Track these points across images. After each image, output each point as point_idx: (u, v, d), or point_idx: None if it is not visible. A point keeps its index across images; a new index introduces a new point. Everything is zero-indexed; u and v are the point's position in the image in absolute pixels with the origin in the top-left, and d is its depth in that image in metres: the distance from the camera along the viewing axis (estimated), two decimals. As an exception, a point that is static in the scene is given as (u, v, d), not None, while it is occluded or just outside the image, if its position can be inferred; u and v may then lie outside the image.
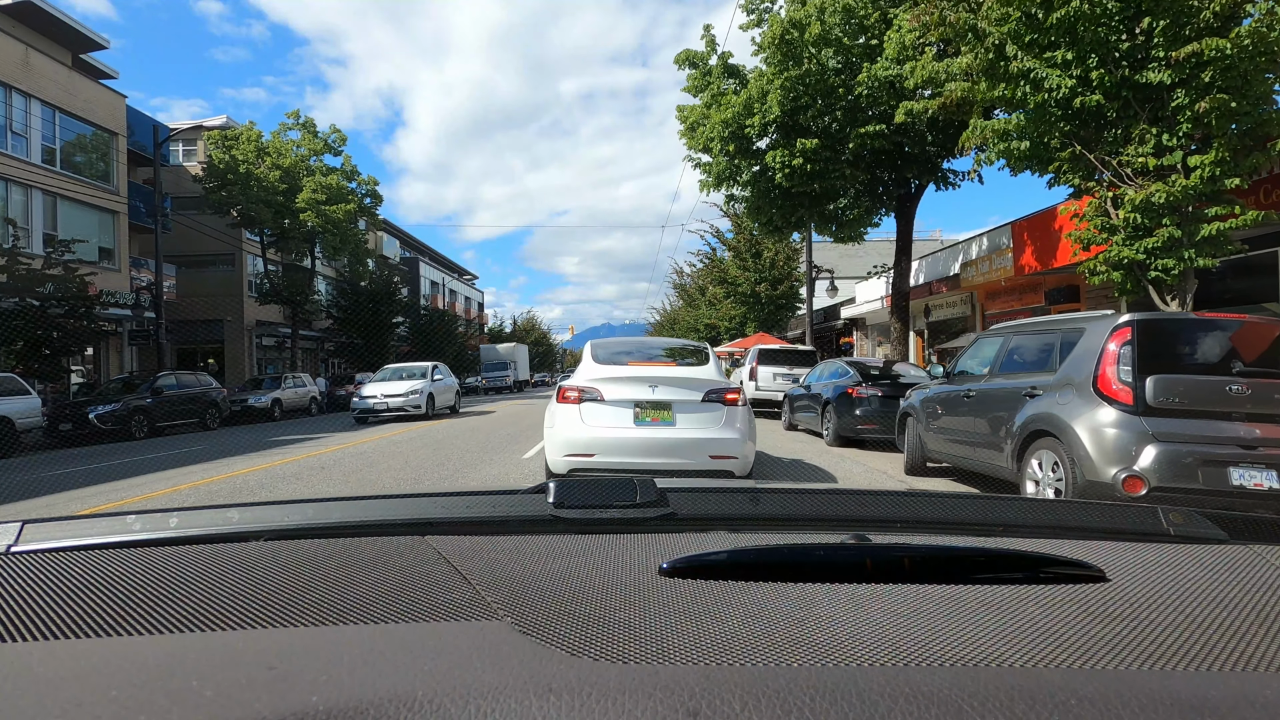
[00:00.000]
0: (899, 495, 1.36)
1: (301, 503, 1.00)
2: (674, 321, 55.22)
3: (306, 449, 11.08)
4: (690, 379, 5.65)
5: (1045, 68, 7.14)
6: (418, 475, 7.82)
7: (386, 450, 10.46)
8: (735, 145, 13.09)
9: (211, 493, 7.11)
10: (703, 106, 13.57)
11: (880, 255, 39.17)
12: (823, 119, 12.40)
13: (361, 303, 34.62)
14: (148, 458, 10.79)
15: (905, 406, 7.62)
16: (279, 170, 26.00)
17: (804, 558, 0.82)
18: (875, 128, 11.83)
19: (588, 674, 0.52)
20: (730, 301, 26.85)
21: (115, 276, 22.72)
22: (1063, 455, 4.66)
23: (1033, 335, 5.64)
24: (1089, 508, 1.10)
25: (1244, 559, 0.86)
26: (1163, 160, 6.86)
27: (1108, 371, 4.53)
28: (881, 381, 9.94)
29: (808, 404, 11.74)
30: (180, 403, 16.93)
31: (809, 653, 0.56)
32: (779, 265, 25.60)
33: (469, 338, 58.60)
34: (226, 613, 0.66)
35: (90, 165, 22.76)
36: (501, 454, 9.58)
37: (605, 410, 5.49)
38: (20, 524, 0.88)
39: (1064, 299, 13.57)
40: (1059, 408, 4.77)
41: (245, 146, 25.94)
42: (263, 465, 9.09)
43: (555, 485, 0.99)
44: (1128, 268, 7.30)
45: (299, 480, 7.65)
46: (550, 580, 0.74)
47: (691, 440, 5.43)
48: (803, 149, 11.88)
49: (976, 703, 0.47)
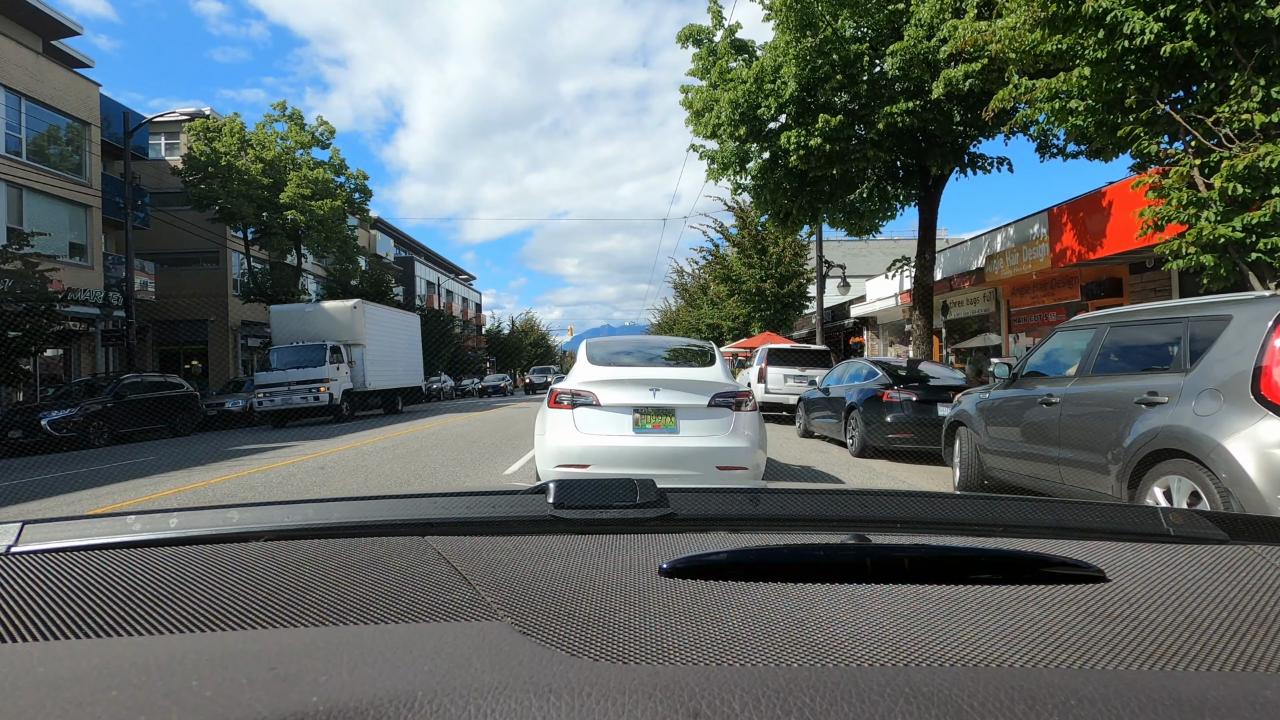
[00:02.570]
0: (899, 495, 1.21)
1: (301, 503, 1.00)
2: (674, 323, 54.05)
3: (265, 460, 9.88)
4: (695, 381, 5.09)
5: (1125, 8, 5.96)
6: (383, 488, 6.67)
7: (352, 463, 9.29)
8: (746, 128, 11.91)
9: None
10: (709, 87, 12.38)
11: (885, 254, 38.17)
12: (843, 95, 11.22)
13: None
14: (78, 472, 9.57)
15: (954, 414, 6.43)
16: (262, 163, 24.83)
17: (804, 558, 0.81)
18: (906, 105, 10.65)
19: (588, 674, 0.52)
20: (735, 300, 25.64)
21: (88, 274, 21.54)
22: (1206, 482, 3.48)
23: (1142, 326, 4.45)
24: (1089, 508, 1.10)
25: (1244, 559, 0.85)
26: (1272, 117, 5.68)
27: (1275, 372, 3.35)
28: (915, 384, 8.75)
29: (827, 409, 10.55)
30: (147, 407, 15.75)
31: (809, 653, 0.56)
32: (786, 262, 24.39)
33: (466, 339, 57.50)
34: (226, 613, 0.66)
35: (65, 158, 21.62)
36: (487, 463, 8.41)
37: (601, 416, 4.95)
38: (20, 524, 0.88)
39: (1104, 293, 12.39)
40: (1198, 420, 3.59)
41: (228, 138, 24.77)
42: (192, 485, 7.89)
43: (555, 485, 0.99)
44: (1222, 248, 6.11)
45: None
46: (550, 580, 0.74)
47: (697, 449, 4.87)
48: (824, 127, 10.68)
49: (976, 703, 0.47)
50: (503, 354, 65.98)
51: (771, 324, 25.13)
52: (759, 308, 25.05)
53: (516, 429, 13.68)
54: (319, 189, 25.20)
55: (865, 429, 8.80)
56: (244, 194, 24.21)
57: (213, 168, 24.04)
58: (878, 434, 8.64)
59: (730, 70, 12.03)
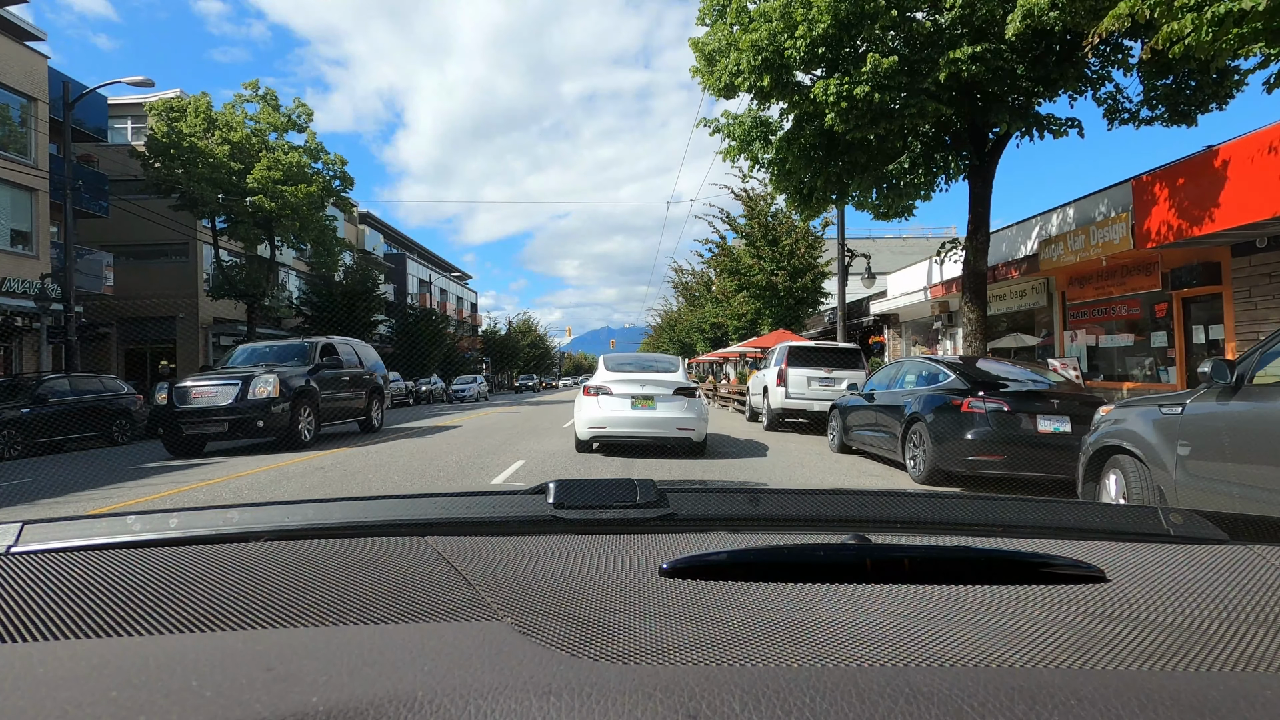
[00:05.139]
0: (899, 495, 1.21)
1: (301, 503, 1.00)
2: (675, 323, 51.99)
3: (184, 481, 7.81)
4: (665, 381, 8.80)
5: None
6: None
7: (278, 485, 7.24)
8: (770, 78, 9.88)
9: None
10: (726, 28, 10.36)
11: (894, 251, 36.25)
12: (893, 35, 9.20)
13: (335, 299, 31.44)
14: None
15: (1106, 435, 4.41)
16: (229, 145, 22.80)
17: (804, 558, 0.81)
18: (972, 49, 8.61)
19: (588, 674, 0.52)
20: (742, 295, 23.58)
21: (32, 263, 19.50)
22: None
23: None
24: (1089, 508, 1.18)
25: (1244, 559, 0.85)
26: None
27: None
28: (1005, 391, 6.73)
29: (873, 420, 8.51)
30: (75, 414, 13.69)
31: (809, 653, 0.56)
32: (799, 254, 22.34)
33: (461, 339, 55.29)
34: (226, 613, 0.66)
35: (14, 137, 19.60)
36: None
37: (613, 400, 8.63)
38: (20, 524, 0.88)
39: (1197, 280, 10.38)
40: None
41: (193, 118, 22.76)
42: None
43: (555, 486, 0.99)
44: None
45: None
46: (550, 581, 0.74)
47: (666, 419, 8.59)
48: (873, 72, 8.65)
49: (976, 703, 0.47)
50: (499, 355, 63.80)
51: (783, 321, 23.10)
52: (769, 303, 22.99)
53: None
54: (292, 173, 23.15)
55: (936, 449, 6.76)
56: (208, 178, 22.17)
57: (175, 150, 22.02)
58: (953, 455, 6.61)
59: (750, 8, 10.01)
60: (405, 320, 43.37)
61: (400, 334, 42.57)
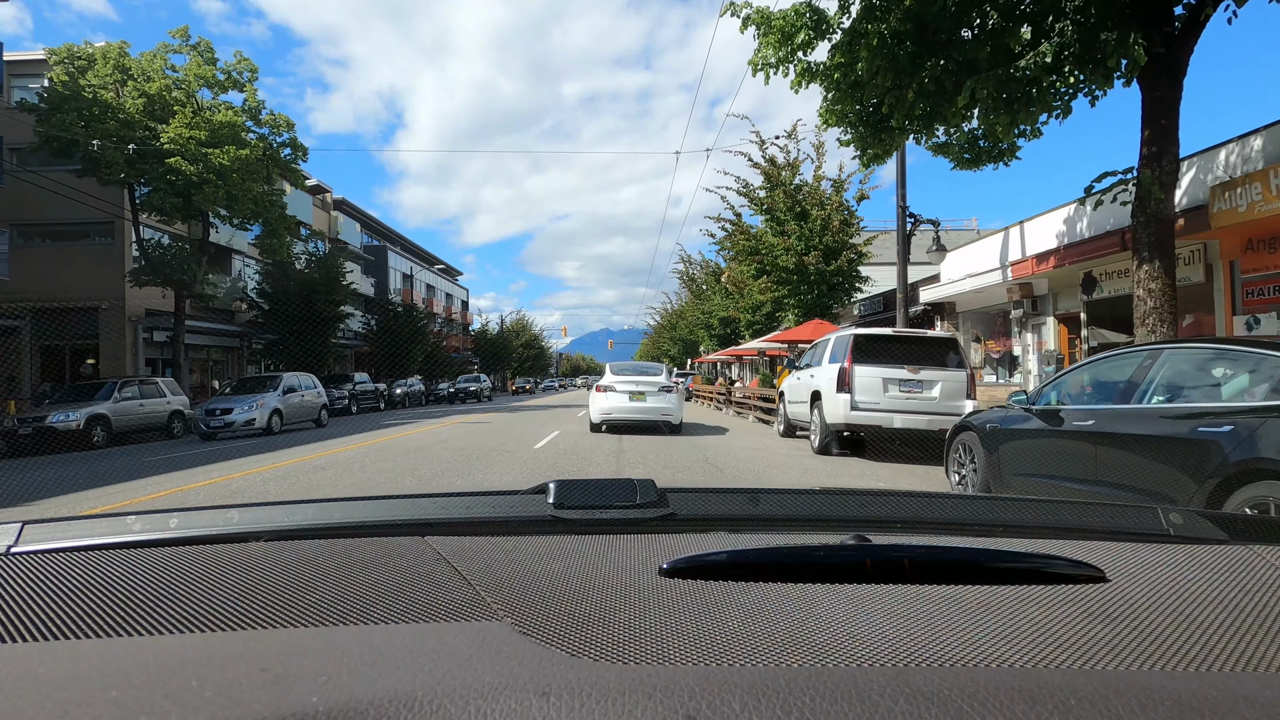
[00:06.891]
0: (899, 496, 1.20)
1: (301, 503, 0.99)
2: (677, 321, 47.98)
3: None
4: (653, 381, 12.99)
5: None
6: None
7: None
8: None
9: None
10: None
11: (889, 249, 32.29)
12: None
13: (290, 289, 27.46)
14: None
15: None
16: (146, 98, 18.84)
17: (804, 558, 0.81)
18: None
19: (588, 675, 0.51)
20: (762, 281, 19.64)
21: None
22: None
23: None
24: (1089, 508, 1.09)
25: (1244, 559, 0.85)
26: None
27: None
28: None
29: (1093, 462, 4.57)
30: None
31: (809, 653, 0.56)
32: (833, 229, 18.40)
33: (448, 338, 51.20)
34: (226, 613, 0.65)
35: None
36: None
37: (616, 395, 12.80)
38: (20, 525, 0.87)
39: None
40: None
41: (102, 68, 18.81)
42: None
43: (555, 486, 0.98)
44: None
45: None
46: (550, 581, 0.73)
47: (653, 407, 12.73)
48: None
49: (976, 703, 0.47)
50: (489, 356, 59.71)
51: (813, 311, 19.13)
52: (796, 290, 19.03)
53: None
54: (221, 134, 19.16)
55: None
56: (118, 135, 18.21)
57: (77, 102, 18.07)
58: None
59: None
60: (385, 317, 39.38)
61: (380, 332, 38.61)
